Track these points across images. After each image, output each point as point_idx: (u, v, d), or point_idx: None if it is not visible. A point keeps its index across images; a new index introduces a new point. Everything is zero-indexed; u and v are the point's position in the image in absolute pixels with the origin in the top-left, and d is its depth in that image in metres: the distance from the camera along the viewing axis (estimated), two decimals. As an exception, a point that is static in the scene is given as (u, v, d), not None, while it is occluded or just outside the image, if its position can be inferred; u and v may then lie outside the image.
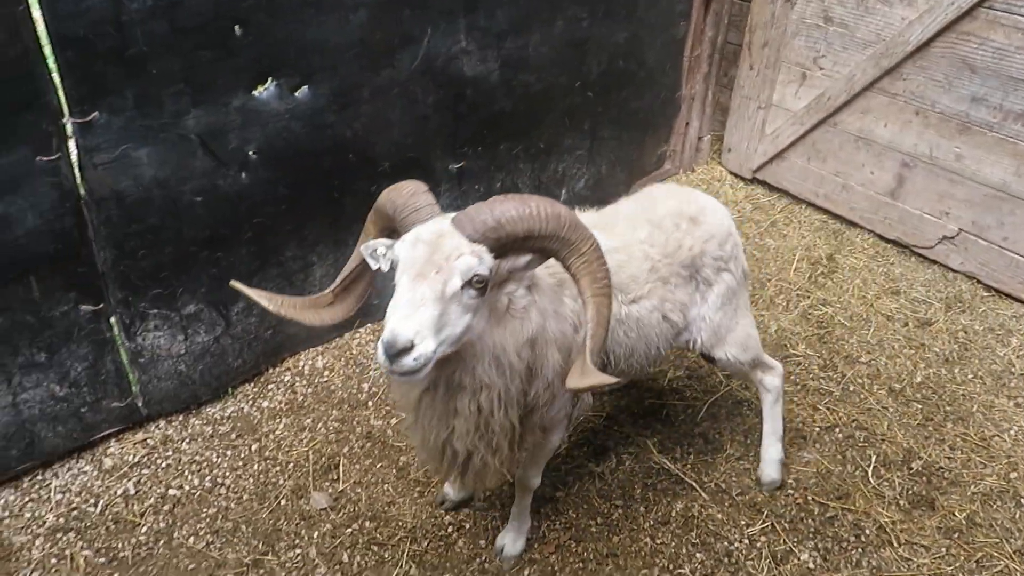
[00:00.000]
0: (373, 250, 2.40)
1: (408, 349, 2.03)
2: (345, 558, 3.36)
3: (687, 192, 3.44)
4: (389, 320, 2.08)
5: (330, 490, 3.65)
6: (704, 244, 3.19)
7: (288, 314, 2.49)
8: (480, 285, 2.17)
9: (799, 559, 3.39)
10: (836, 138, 5.45)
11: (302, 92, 3.66)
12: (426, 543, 3.43)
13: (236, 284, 2.53)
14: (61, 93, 3.02)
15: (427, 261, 2.14)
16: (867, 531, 3.51)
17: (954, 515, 3.56)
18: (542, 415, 2.72)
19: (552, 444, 3.06)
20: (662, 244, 3.08)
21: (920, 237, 5.21)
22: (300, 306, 2.53)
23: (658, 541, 3.46)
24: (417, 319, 2.07)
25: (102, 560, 3.32)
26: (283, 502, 3.59)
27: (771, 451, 3.71)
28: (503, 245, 2.21)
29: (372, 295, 2.70)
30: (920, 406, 4.14)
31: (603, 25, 4.87)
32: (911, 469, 3.79)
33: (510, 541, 3.37)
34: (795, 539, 3.47)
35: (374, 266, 2.42)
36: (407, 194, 2.35)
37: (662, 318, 3.07)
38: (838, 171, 5.53)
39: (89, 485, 3.62)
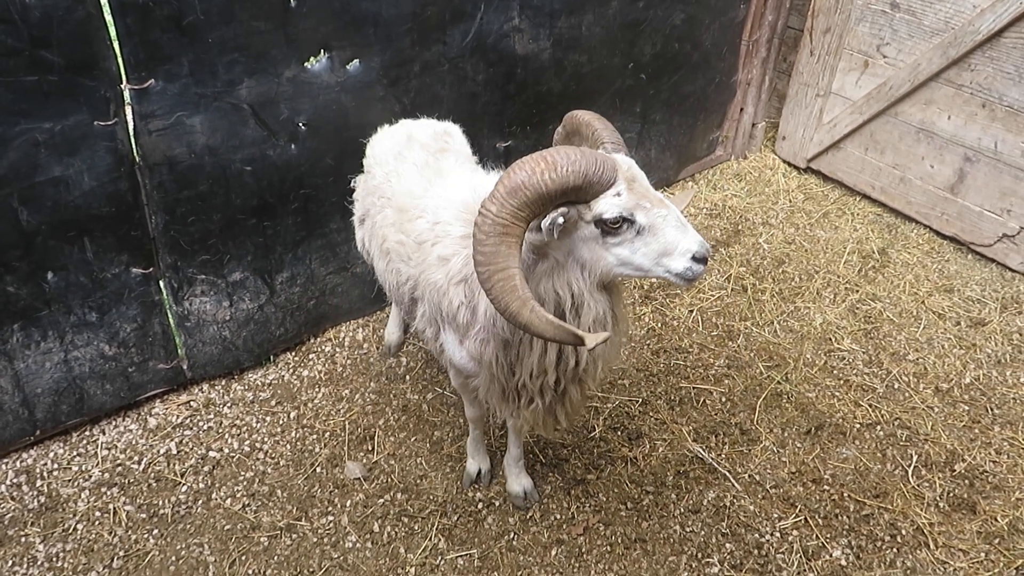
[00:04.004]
0: (554, 222, 2.27)
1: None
2: (376, 528, 3.42)
3: (414, 122, 3.53)
4: (689, 234, 2.33)
5: (364, 460, 3.71)
6: (464, 147, 3.41)
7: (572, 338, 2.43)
8: None
9: (831, 555, 3.34)
10: (896, 129, 5.29)
11: (353, 65, 3.68)
12: (456, 518, 3.47)
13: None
14: (120, 60, 3.09)
15: (648, 189, 2.36)
16: (904, 531, 3.44)
17: (996, 520, 3.47)
18: None
19: None
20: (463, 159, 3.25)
21: (979, 234, 5.04)
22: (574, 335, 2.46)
23: (688, 529, 3.44)
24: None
25: (143, 516, 3.44)
26: (318, 470, 3.66)
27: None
28: None
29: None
30: (967, 407, 4.03)
31: (660, 6, 4.79)
32: (953, 471, 3.70)
33: (525, 477, 3.55)
34: (828, 535, 3.42)
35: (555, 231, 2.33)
36: (591, 159, 2.22)
37: None
38: (896, 163, 5.37)
39: (134, 443, 3.74)
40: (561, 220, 2.27)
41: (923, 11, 4.88)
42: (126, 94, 3.16)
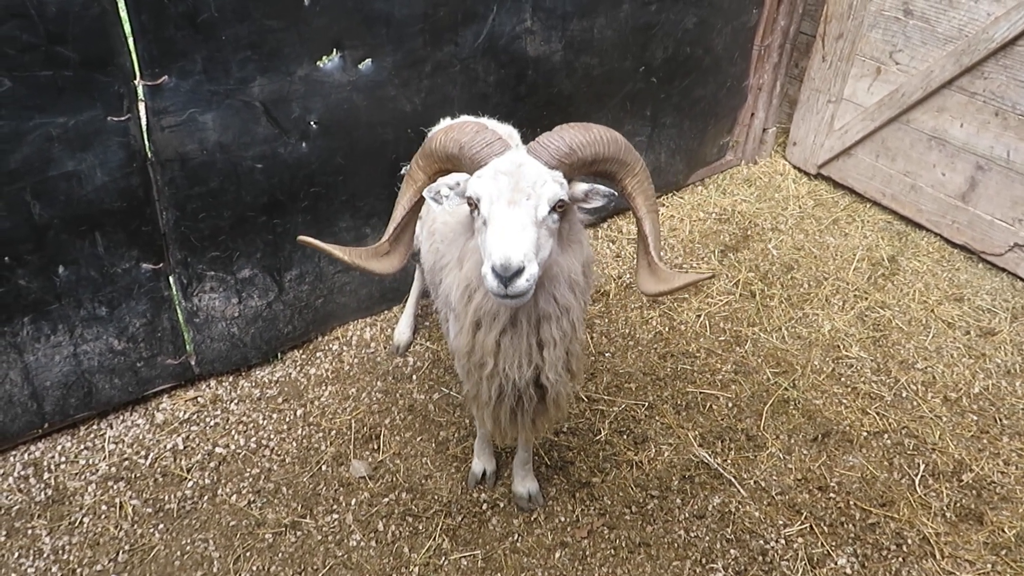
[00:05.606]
0: (436, 191, 2.44)
1: (521, 271, 2.12)
2: (380, 527, 3.42)
3: (476, 119, 3.50)
4: (496, 246, 2.14)
5: (370, 459, 3.72)
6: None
7: (359, 262, 2.57)
8: (561, 209, 2.31)
9: (836, 563, 3.33)
10: (908, 136, 5.27)
11: (365, 65, 3.68)
12: (460, 518, 3.47)
13: (305, 238, 2.55)
14: (134, 56, 3.10)
15: (515, 190, 2.22)
16: (909, 541, 3.42)
17: (1003, 531, 3.45)
18: None
19: None
20: None
21: (989, 243, 5.02)
22: (364, 256, 2.60)
23: (692, 534, 3.44)
24: (523, 242, 2.16)
25: (149, 510, 3.45)
26: (324, 468, 3.66)
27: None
28: (574, 170, 2.36)
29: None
30: (976, 417, 4.01)
31: (672, 10, 4.79)
32: (961, 481, 3.68)
33: (531, 480, 3.51)
34: (833, 543, 3.41)
35: (435, 207, 2.46)
36: (472, 131, 2.37)
37: None
38: (907, 171, 5.35)
39: (141, 437, 3.75)
40: (447, 191, 2.41)
41: (936, 18, 4.86)
42: (140, 90, 3.17)
